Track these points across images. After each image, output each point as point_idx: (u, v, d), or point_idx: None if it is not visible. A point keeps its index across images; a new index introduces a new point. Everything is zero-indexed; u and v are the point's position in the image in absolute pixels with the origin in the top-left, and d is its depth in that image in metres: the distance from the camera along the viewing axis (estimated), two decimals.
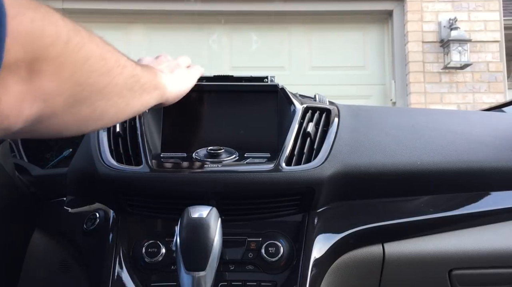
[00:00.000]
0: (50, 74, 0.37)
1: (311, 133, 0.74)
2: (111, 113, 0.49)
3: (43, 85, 0.37)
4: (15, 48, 0.33)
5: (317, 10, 4.04)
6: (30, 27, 0.34)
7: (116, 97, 0.48)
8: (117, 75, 0.47)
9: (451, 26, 3.84)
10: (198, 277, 0.57)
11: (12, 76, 0.34)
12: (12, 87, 0.34)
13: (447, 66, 3.84)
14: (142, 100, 0.55)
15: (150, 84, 0.56)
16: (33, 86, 0.36)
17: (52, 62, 0.37)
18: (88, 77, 0.42)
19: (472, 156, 0.79)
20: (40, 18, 0.36)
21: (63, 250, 0.77)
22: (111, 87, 0.46)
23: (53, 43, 0.37)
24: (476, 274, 0.75)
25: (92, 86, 0.43)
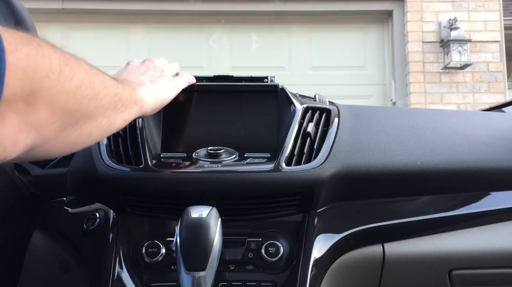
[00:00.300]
0: (44, 105, 0.39)
1: (311, 134, 0.74)
2: (96, 133, 0.51)
3: (38, 115, 0.38)
4: (14, 83, 0.34)
5: (317, 10, 4.04)
6: (26, 62, 0.36)
7: (101, 117, 0.50)
8: (103, 97, 0.48)
9: (451, 26, 3.84)
10: (198, 277, 0.57)
11: (10, 109, 0.35)
12: (9, 119, 0.36)
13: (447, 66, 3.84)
14: (123, 117, 0.56)
15: (130, 100, 0.58)
16: (28, 117, 0.37)
17: (46, 93, 0.38)
18: (79, 103, 0.43)
19: (472, 156, 0.79)
20: (34, 52, 0.37)
21: (63, 250, 0.77)
22: (98, 109, 0.48)
23: (47, 76, 0.38)
24: (476, 274, 0.75)
25: (82, 111, 0.45)
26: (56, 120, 0.41)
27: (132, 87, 0.61)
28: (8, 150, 0.37)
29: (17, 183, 0.78)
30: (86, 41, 4.04)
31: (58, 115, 0.41)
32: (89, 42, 4.04)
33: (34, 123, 0.38)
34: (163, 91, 0.68)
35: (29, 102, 0.37)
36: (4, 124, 0.35)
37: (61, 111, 0.41)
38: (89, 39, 4.05)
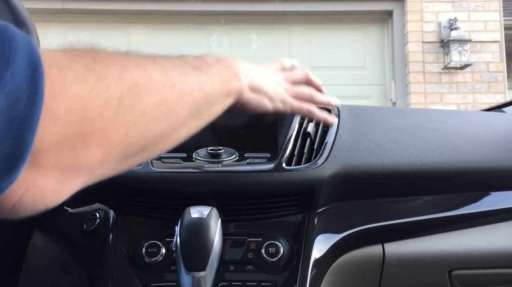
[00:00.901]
0: (98, 146, 0.34)
1: (311, 134, 0.74)
2: (171, 146, 0.45)
3: (88, 158, 0.34)
4: (53, 131, 0.30)
5: (317, 10, 4.04)
6: (72, 105, 0.31)
7: (176, 132, 0.44)
8: (180, 109, 0.42)
9: (451, 26, 3.84)
10: (198, 277, 0.57)
11: (50, 158, 0.31)
12: (50, 168, 0.32)
13: (447, 67, 3.85)
14: (211, 113, 0.50)
15: (223, 93, 0.51)
16: (76, 164, 0.33)
17: (99, 133, 0.33)
18: (144, 130, 0.38)
19: (472, 156, 0.79)
20: (87, 91, 0.32)
21: (63, 250, 0.77)
22: (172, 125, 0.42)
23: (100, 114, 0.33)
24: (476, 274, 0.75)
25: (147, 138, 0.39)
26: (114, 157, 0.36)
27: (231, 74, 0.53)
28: (49, 199, 0.33)
29: None
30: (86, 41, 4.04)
31: (116, 153, 0.36)
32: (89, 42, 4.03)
33: (84, 167, 0.34)
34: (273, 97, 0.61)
35: (77, 147, 0.32)
36: (43, 174, 0.31)
37: (119, 147, 0.36)
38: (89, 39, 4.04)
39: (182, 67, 0.45)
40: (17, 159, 0.29)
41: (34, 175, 0.31)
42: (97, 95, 0.33)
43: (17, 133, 0.28)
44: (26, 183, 0.31)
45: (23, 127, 0.28)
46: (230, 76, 0.54)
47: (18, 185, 0.30)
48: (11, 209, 0.32)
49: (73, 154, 0.32)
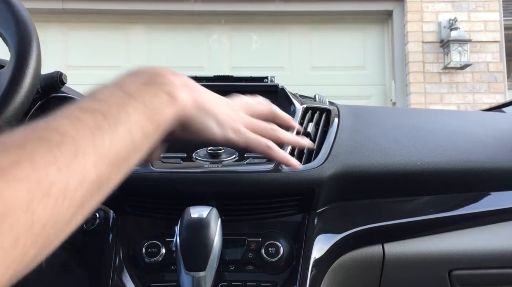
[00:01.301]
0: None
1: (311, 134, 0.74)
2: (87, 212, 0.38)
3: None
4: None
5: (317, 10, 4.04)
6: None
7: (110, 185, 0.39)
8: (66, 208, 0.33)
9: (451, 27, 3.84)
10: (198, 277, 0.57)
11: None
12: None
13: (447, 67, 3.85)
14: (137, 159, 0.43)
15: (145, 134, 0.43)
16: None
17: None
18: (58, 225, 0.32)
19: (472, 156, 0.79)
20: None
21: (62, 250, 0.77)
22: (104, 192, 0.37)
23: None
24: (476, 274, 0.75)
25: (68, 221, 0.33)
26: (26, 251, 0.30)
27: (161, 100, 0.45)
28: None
29: None
30: (86, 41, 4.04)
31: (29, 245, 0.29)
32: (89, 42, 4.04)
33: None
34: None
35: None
36: None
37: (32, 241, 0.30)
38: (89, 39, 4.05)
39: (72, 142, 0.34)
40: None
41: None
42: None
43: None
44: None
45: None
46: (161, 102, 0.45)
47: None
48: None
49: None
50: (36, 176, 0.29)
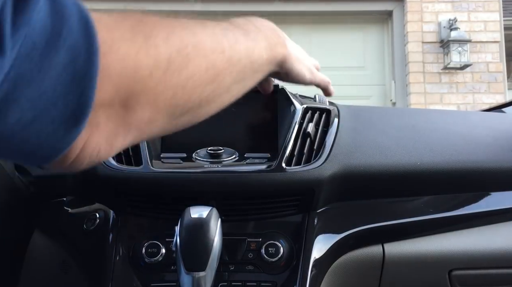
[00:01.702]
0: (147, 105, 0.34)
1: (311, 134, 0.74)
2: (214, 108, 0.45)
3: (139, 117, 0.35)
4: (106, 88, 0.31)
5: (317, 11, 4.04)
6: (123, 64, 0.32)
7: (221, 97, 0.44)
8: (226, 75, 0.42)
9: (451, 27, 3.84)
10: (198, 278, 0.57)
11: (104, 114, 0.32)
12: (104, 125, 0.33)
13: (447, 67, 3.85)
14: (254, 80, 0.49)
15: (269, 60, 0.50)
16: (127, 120, 0.34)
17: (148, 93, 0.34)
18: (190, 94, 0.38)
19: (472, 156, 0.79)
20: (135, 51, 0.33)
21: (63, 250, 0.77)
22: (218, 90, 0.42)
23: (150, 75, 0.33)
24: (476, 274, 0.75)
25: (193, 101, 0.39)
26: (160, 117, 0.37)
27: (278, 40, 0.52)
28: (103, 153, 0.34)
29: (17, 183, 0.78)
30: None
31: (163, 113, 0.36)
32: None
33: (134, 124, 0.35)
34: (305, 65, 0.62)
35: (127, 106, 0.33)
36: (98, 129, 0.32)
37: (167, 108, 0.36)
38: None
39: (233, 32, 0.44)
40: (82, 114, 0.30)
41: (92, 130, 0.32)
42: (146, 55, 0.33)
43: (80, 88, 0.29)
44: (85, 139, 0.32)
45: (84, 83, 0.29)
46: (277, 43, 0.52)
47: (78, 140, 0.31)
48: (70, 164, 0.34)
49: (124, 112, 0.33)
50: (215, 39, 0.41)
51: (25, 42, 0.26)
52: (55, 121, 0.29)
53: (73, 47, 0.28)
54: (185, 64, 0.37)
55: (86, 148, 0.33)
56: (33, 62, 0.27)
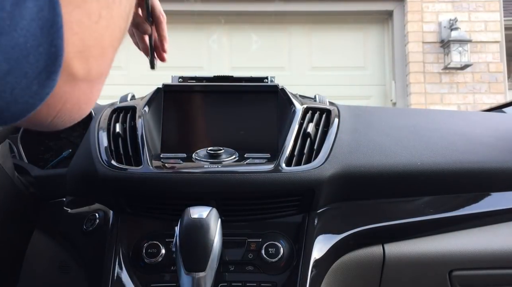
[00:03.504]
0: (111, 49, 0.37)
1: (311, 134, 0.74)
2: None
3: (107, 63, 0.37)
4: (73, 38, 0.32)
5: (317, 11, 4.04)
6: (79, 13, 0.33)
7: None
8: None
9: (452, 27, 3.84)
10: (198, 278, 0.57)
11: (81, 67, 0.34)
12: (82, 79, 0.34)
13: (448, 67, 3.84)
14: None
15: None
16: (99, 69, 0.36)
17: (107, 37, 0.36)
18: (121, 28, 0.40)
19: (472, 156, 0.79)
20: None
21: (62, 251, 0.77)
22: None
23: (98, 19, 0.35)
24: (477, 275, 0.75)
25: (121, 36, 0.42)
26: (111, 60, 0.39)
27: None
28: (83, 108, 0.36)
29: (17, 184, 0.78)
30: None
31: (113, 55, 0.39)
32: None
33: (105, 72, 0.37)
34: None
35: (95, 55, 0.35)
36: (77, 86, 0.34)
37: (115, 49, 0.39)
38: None
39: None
40: (53, 65, 0.31)
41: (70, 85, 0.33)
42: (93, 2, 0.34)
43: (49, 39, 0.30)
44: (65, 95, 0.33)
45: (52, 33, 0.30)
46: None
47: (57, 97, 0.32)
48: (51, 121, 0.35)
49: (95, 62, 0.35)
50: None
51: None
52: (28, 75, 0.30)
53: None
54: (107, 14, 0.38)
55: (68, 104, 0.34)
56: (5, 11, 0.27)
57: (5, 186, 0.75)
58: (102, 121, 0.79)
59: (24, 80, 0.29)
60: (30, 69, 0.29)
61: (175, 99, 0.80)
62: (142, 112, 0.76)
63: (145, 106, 0.78)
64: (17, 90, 0.29)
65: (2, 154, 0.72)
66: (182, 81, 0.83)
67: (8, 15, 0.27)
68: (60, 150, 0.96)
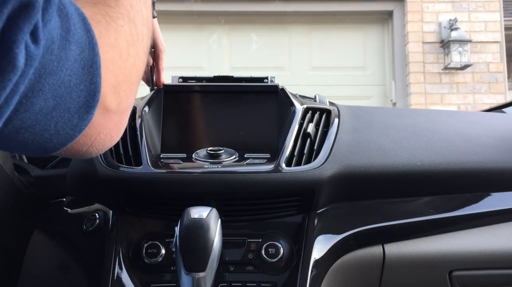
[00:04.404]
0: (136, 82, 0.42)
1: (311, 134, 0.74)
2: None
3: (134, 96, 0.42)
4: (108, 75, 0.36)
5: (317, 11, 4.04)
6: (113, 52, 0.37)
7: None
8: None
9: (452, 27, 3.84)
10: (198, 278, 0.57)
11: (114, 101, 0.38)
12: (115, 111, 0.39)
13: (448, 67, 3.84)
14: None
15: None
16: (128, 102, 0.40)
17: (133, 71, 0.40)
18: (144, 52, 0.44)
19: (472, 156, 0.79)
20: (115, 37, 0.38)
21: (62, 251, 0.77)
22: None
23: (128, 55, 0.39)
24: (476, 275, 0.75)
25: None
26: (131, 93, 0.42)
27: None
28: (114, 138, 0.40)
29: (17, 184, 0.78)
30: None
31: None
32: None
33: (131, 104, 0.41)
34: None
35: (125, 89, 0.38)
36: (109, 117, 0.37)
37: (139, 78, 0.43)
38: None
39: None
40: (92, 100, 0.34)
41: (104, 118, 0.37)
42: (122, 39, 0.38)
43: (89, 77, 0.33)
44: (100, 126, 0.37)
45: (92, 72, 0.33)
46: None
47: (93, 128, 0.36)
48: (86, 150, 0.38)
49: (125, 95, 0.39)
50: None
51: (48, 37, 0.29)
52: (71, 110, 0.33)
53: (79, 40, 0.32)
54: (140, 31, 0.42)
55: (101, 135, 0.37)
56: (53, 54, 0.30)
57: (5, 186, 0.75)
58: None
59: (66, 115, 0.33)
60: (72, 105, 0.33)
61: (175, 99, 0.80)
62: (142, 113, 0.76)
63: (145, 106, 0.78)
64: (60, 123, 0.33)
65: (2, 154, 0.72)
66: (182, 81, 0.83)
67: (56, 57, 0.30)
68: None
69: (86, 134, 0.36)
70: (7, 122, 0.30)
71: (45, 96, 0.30)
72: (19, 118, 0.30)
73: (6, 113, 0.28)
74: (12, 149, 0.35)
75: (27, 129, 0.31)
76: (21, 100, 0.29)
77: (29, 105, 0.30)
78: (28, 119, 0.31)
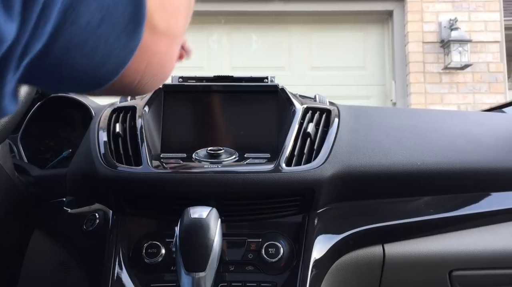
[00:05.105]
0: (185, 12, 0.39)
1: (311, 134, 0.74)
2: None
3: (182, 24, 0.39)
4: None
5: (317, 11, 4.04)
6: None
7: None
8: None
9: (452, 27, 3.84)
10: (198, 278, 0.57)
11: (161, 22, 0.35)
12: (164, 33, 0.36)
13: (448, 67, 3.84)
14: None
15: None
16: (177, 28, 0.38)
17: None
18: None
19: (472, 156, 0.79)
20: None
21: (62, 251, 0.77)
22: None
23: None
24: (477, 275, 0.75)
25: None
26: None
27: None
28: (167, 67, 0.38)
29: (17, 184, 0.78)
30: None
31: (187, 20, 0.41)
32: None
33: (180, 33, 0.39)
34: None
35: (172, 14, 0.36)
36: (159, 40, 0.35)
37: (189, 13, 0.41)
38: None
39: None
40: (139, 14, 0.32)
41: (153, 38, 0.34)
42: None
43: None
44: (150, 49, 0.35)
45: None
46: None
47: (144, 50, 0.33)
48: (138, 83, 0.36)
49: (172, 18, 0.36)
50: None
51: None
52: (119, 24, 0.30)
53: None
54: None
55: (154, 59, 0.35)
56: None
57: (5, 186, 0.75)
58: (102, 121, 0.79)
59: (115, 31, 0.30)
60: (119, 19, 0.30)
61: (175, 99, 0.80)
62: (142, 112, 0.76)
63: (145, 106, 0.78)
64: (110, 42, 0.30)
65: (2, 154, 0.72)
66: (182, 81, 0.83)
67: None
68: (60, 150, 0.96)
69: (137, 59, 0.34)
70: (55, 36, 0.27)
71: (91, 7, 0.28)
72: (66, 33, 0.28)
73: (52, 17, 0.26)
74: (62, 82, 0.33)
75: (76, 50, 0.29)
76: (68, 8, 0.27)
77: (75, 16, 0.27)
78: (76, 35, 0.28)
